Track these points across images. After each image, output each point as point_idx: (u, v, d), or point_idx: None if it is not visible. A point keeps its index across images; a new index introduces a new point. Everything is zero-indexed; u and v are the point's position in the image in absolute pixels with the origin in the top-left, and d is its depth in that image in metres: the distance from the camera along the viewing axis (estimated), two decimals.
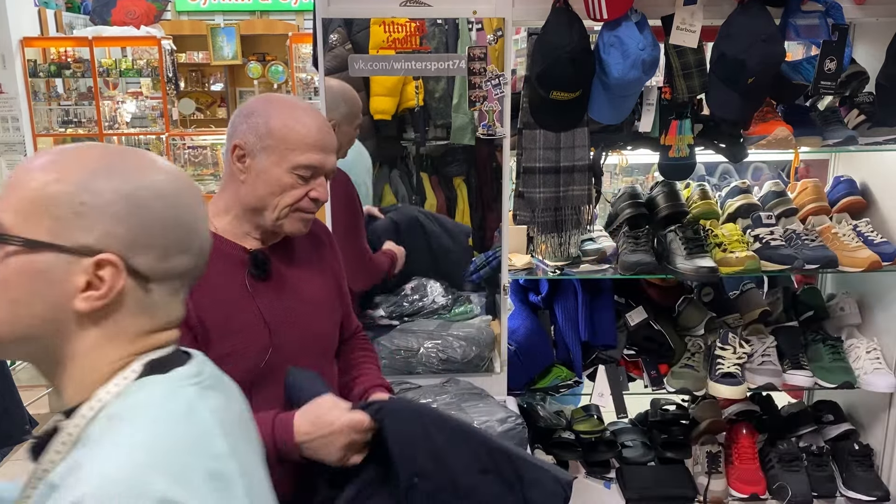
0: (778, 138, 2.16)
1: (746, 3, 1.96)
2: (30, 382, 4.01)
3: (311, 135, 1.36)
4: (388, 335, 2.17)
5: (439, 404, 1.93)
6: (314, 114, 1.41)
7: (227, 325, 1.34)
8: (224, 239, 1.39)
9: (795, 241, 2.28)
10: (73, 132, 7.50)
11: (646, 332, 2.38)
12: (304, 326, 1.46)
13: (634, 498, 2.32)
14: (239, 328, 1.35)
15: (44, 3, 7.34)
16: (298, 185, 1.37)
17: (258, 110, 1.38)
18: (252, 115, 1.38)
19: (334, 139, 1.42)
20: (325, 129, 1.40)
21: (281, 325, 1.41)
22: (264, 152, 1.36)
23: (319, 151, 1.37)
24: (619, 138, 2.20)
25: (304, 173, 1.36)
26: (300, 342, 1.45)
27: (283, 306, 1.42)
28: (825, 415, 2.57)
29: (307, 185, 1.38)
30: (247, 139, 1.37)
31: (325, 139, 1.39)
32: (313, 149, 1.36)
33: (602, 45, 1.93)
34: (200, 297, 1.29)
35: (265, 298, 1.40)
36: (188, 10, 9.30)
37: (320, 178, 1.40)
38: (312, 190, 1.38)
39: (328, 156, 1.39)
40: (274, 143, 1.35)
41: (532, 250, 2.32)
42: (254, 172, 1.37)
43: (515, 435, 1.82)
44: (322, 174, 1.40)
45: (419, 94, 2.11)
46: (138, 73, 7.47)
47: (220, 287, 1.34)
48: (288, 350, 1.42)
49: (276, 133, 1.35)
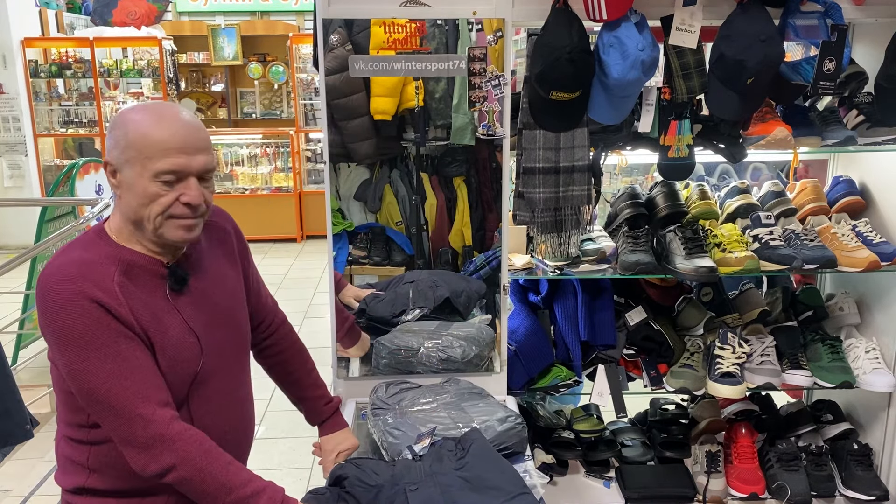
0: (777, 138, 2.16)
1: (746, 3, 1.97)
2: (30, 382, 4.01)
3: (168, 139, 1.33)
4: (388, 335, 2.17)
5: (439, 403, 1.94)
6: (174, 117, 1.36)
7: (163, 336, 1.39)
8: (140, 254, 1.40)
9: (794, 241, 2.28)
10: (74, 132, 7.51)
11: (645, 331, 2.38)
12: (226, 327, 1.53)
13: (634, 497, 2.33)
14: (172, 340, 1.40)
15: (45, 3, 7.35)
16: (165, 192, 1.34)
17: (119, 123, 1.36)
18: (114, 129, 1.36)
19: (201, 138, 1.37)
20: (186, 130, 1.35)
21: (206, 332, 1.46)
22: (128, 165, 1.34)
23: (180, 154, 1.33)
24: (618, 138, 2.20)
25: (167, 178, 1.33)
26: (224, 343, 1.52)
27: (204, 313, 1.47)
28: (824, 414, 2.57)
29: (174, 190, 1.35)
30: (112, 154, 1.36)
31: (185, 140, 1.34)
32: (172, 153, 1.33)
33: (602, 45, 1.94)
34: (137, 309, 1.35)
35: (187, 309, 1.44)
36: (189, 11, 9.31)
37: (189, 181, 1.35)
38: (182, 195, 1.35)
39: (192, 157, 1.34)
40: (134, 154, 1.33)
41: (532, 250, 2.32)
42: (124, 186, 1.36)
43: (515, 434, 1.82)
44: (189, 176, 1.35)
45: (419, 95, 2.12)
46: (139, 73, 7.49)
47: (149, 299, 1.38)
48: (217, 352, 1.49)
49: (134, 144, 1.33)
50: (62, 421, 1.47)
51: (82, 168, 4.74)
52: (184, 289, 1.44)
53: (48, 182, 7.11)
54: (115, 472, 1.41)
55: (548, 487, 2.27)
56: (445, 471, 1.60)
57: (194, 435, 1.36)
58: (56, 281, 1.31)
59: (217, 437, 1.45)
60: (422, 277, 2.26)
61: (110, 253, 1.38)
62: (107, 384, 1.30)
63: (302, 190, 7.79)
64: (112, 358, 1.31)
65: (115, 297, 1.32)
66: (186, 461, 1.33)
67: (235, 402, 1.58)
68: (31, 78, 7.16)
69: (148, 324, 1.36)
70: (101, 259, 1.36)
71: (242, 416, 1.61)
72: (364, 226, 2.33)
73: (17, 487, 3.18)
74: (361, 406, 2.08)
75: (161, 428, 1.32)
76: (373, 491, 1.55)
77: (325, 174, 2.10)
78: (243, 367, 1.63)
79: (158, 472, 1.32)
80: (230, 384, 1.55)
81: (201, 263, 1.51)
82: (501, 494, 1.53)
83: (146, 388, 1.33)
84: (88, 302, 1.29)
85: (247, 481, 1.37)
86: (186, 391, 1.44)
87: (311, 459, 2.08)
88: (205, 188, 1.39)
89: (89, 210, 4.21)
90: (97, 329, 1.30)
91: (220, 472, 1.35)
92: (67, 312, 1.29)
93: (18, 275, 4.42)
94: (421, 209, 2.32)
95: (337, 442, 1.81)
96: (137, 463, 1.33)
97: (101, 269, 1.34)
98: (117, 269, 1.35)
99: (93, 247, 1.38)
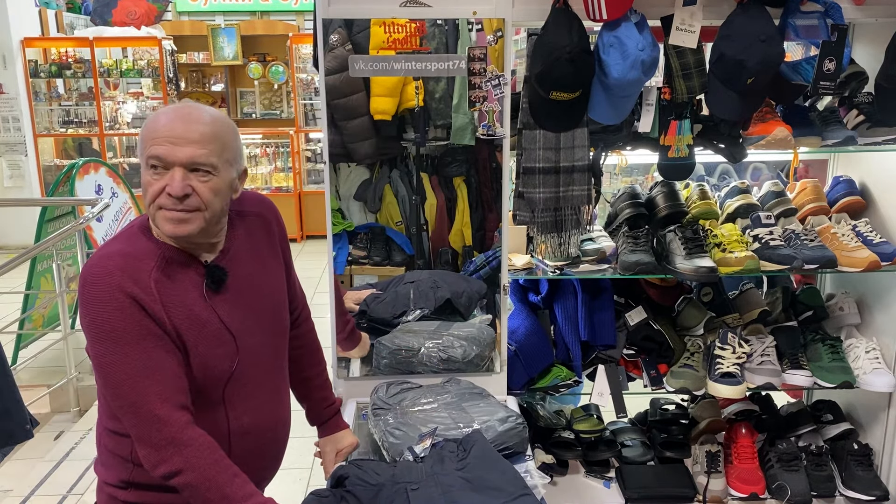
0: (777, 138, 2.16)
1: (746, 3, 1.97)
2: (30, 382, 4.02)
3: (160, 128, 1.35)
4: (389, 335, 2.17)
5: (440, 403, 1.94)
6: (179, 111, 1.37)
7: (197, 335, 1.39)
8: (178, 250, 1.41)
9: (794, 241, 2.28)
10: (74, 132, 7.51)
11: (645, 331, 2.38)
12: (264, 325, 1.53)
13: (634, 497, 2.33)
14: (207, 336, 1.40)
15: (45, 3, 7.35)
16: (154, 181, 1.35)
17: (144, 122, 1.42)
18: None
19: (196, 131, 1.35)
20: (182, 123, 1.35)
21: (242, 331, 1.46)
22: (140, 155, 1.39)
23: (165, 142, 1.34)
24: (618, 138, 2.20)
25: (154, 164, 1.35)
26: (262, 342, 1.51)
27: (242, 312, 1.47)
28: (824, 414, 2.57)
29: (163, 179, 1.35)
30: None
31: (175, 130, 1.34)
32: (160, 140, 1.34)
33: (602, 45, 1.94)
34: (171, 306, 1.35)
35: (224, 307, 1.44)
36: (189, 11, 9.31)
37: (176, 172, 1.34)
38: (167, 185, 1.34)
39: (179, 147, 1.34)
40: (141, 143, 1.38)
41: (532, 250, 2.32)
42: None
43: (516, 434, 1.82)
44: (174, 166, 1.34)
45: (419, 95, 2.12)
46: (139, 73, 7.48)
47: (185, 297, 1.39)
48: (254, 352, 1.49)
49: (142, 133, 1.37)
50: (104, 413, 1.48)
51: (82, 168, 4.74)
52: (221, 288, 1.44)
53: (48, 182, 7.11)
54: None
55: (548, 487, 2.27)
56: (447, 471, 1.60)
57: (206, 443, 1.36)
58: (95, 273, 1.34)
59: (256, 436, 1.47)
60: (422, 278, 2.26)
61: (150, 248, 1.39)
62: (130, 381, 1.32)
63: (302, 190, 7.80)
64: (138, 355, 1.32)
65: (150, 293, 1.34)
66: (194, 467, 1.33)
67: (273, 401, 1.57)
68: (31, 78, 7.16)
69: (181, 322, 1.37)
70: (141, 254, 1.37)
71: (280, 415, 1.61)
72: (364, 226, 2.33)
73: (17, 487, 3.18)
74: (362, 406, 2.08)
75: (175, 431, 1.33)
76: (374, 490, 1.55)
77: (325, 174, 2.10)
78: (282, 366, 1.63)
79: (166, 473, 1.33)
80: (268, 383, 1.55)
81: (241, 259, 1.50)
82: (503, 495, 1.53)
83: (167, 389, 1.34)
84: (123, 296, 1.31)
85: (248, 495, 1.37)
86: (222, 391, 1.44)
87: (311, 459, 2.08)
88: (199, 182, 1.36)
89: (89, 210, 4.21)
90: (128, 325, 1.32)
91: (225, 483, 1.35)
92: (103, 306, 1.31)
93: (18, 275, 4.42)
94: (421, 209, 2.32)
95: (336, 441, 1.81)
96: (148, 461, 1.35)
97: (139, 264, 1.36)
98: (155, 265, 1.37)
99: (134, 241, 1.40)
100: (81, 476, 3.22)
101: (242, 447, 1.49)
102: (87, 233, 4.31)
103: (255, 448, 1.51)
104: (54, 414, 4.04)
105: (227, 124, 1.43)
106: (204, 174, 1.37)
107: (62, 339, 4.00)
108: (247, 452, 1.50)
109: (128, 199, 5.18)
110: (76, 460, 3.35)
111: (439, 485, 1.55)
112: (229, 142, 1.41)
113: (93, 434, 3.58)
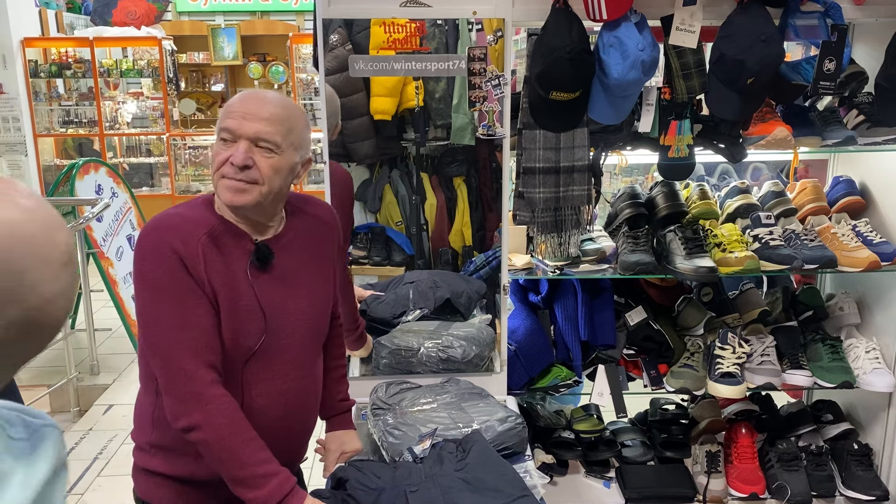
0: (777, 138, 2.16)
1: (746, 3, 1.97)
2: (30, 382, 4.02)
3: (234, 104, 1.44)
4: (389, 335, 2.17)
5: (440, 403, 1.94)
6: (255, 92, 1.48)
7: (232, 304, 1.44)
8: (233, 224, 1.47)
9: (794, 241, 2.28)
10: (74, 132, 7.51)
11: (645, 331, 2.38)
12: (297, 316, 1.55)
13: (634, 497, 2.33)
14: (240, 309, 1.45)
15: (45, 3, 7.35)
16: (221, 151, 1.43)
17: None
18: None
19: (266, 111, 1.42)
20: (255, 101, 1.43)
21: (275, 314, 1.49)
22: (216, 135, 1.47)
23: (237, 117, 1.41)
24: (618, 138, 2.20)
25: (224, 136, 1.42)
26: (291, 330, 1.54)
27: (279, 296, 1.51)
28: (824, 414, 2.57)
29: (228, 149, 1.42)
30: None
31: (248, 107, 1.42)
32: (233, 115, 1.42)
33: (602, 45, 1.94)
34: (213, 273, 1.41)
35: (263, 287, 1.48)
36: (189, 11, 9.30)
37: (241, 143, 1.41)
38: (232, 155, 1.41)
39: (248, 122, 1.41)
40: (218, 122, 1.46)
41: (532, 250, 2.32)
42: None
43: (516, 434, 1.82)
44: (241, 139, 1.41)
45: (419, 95, 2.12)
46: (139, 73, 7.48)
47: (229, 268, 1.44)
48: (280, 336, 1.51)
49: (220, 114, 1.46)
50: (143, 376, 1.53)
51: (82, 168, 4.73)
52: (266, 267, 1.49)
53: (48, 182, 7.10)
54: (170, 428, 1.44)
55: (548, 487, 2.27)
56: (446, 472, 1.60)
57: (228, 403, 1.40)
58: (151, 227, 1.43)
59: (270, 420, 1.49)
60: (422, 278, 2.26)
61: (207, 218, 1.46)
62: (165, 332, 1.39)
63: (302, 190, 7.80)
64: (177, 309, 1.39)
65: (196, 256, 1.40)
66: (212, 425, 1.37)
67: (297, 391, 1.57)
68: (31, 78, 7.16)
69: (219, 288, 1.42)
70: (197, 220, 1.45)
71: (303, 407, 1.61)
72: (364, 226, 2.33)
73: None
74: (361, 406, 2.08)
75: (200, 386, 1.38)
76: (374, 494, 1.55)
77: (325, 174, 2.10)
78: (313, 359, 1.64)
79: (185, 426, 1.38)
80: (294, 372, 1.55)
81: (292, 249, 1.55)
82: (502, 497, 1.53)
83: (199, 345, 1.39)
84: (170, 252, 1.38)
85: (262, 461, 1.40)
86: (242, 366, 1.48)
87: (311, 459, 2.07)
88: (262, 157, 1.42)
89: (89, 210, 4.21)
90: (171, 279, 1.38)
91: (240, 445, 1.39)
92: (150, 258, 1.39)
93: None
94: (421, 209, 2.33)
95: (342, 441, 1.80)
96: (171, 412, 1.40)
97: (192, 229, 1.43)
98: (206, 233, 1.43)
99: (195, 208, 1.49)
100: (81, 476, 3.21)
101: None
102: (87, 233, 4.30)
103: (263, 434, 1.51)
104: (54, 414, 4.04)
105: (299, 112, 1.51)
106: (267, 151, 1.42)
107: (62, 339, 4.00)
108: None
109: (128, 198, 5.17)
110: (76, 460, 3.34)
111: (438, 486, 1.55)
112: (297, 127, 1.47)
113: (93, 434, 3.60)
